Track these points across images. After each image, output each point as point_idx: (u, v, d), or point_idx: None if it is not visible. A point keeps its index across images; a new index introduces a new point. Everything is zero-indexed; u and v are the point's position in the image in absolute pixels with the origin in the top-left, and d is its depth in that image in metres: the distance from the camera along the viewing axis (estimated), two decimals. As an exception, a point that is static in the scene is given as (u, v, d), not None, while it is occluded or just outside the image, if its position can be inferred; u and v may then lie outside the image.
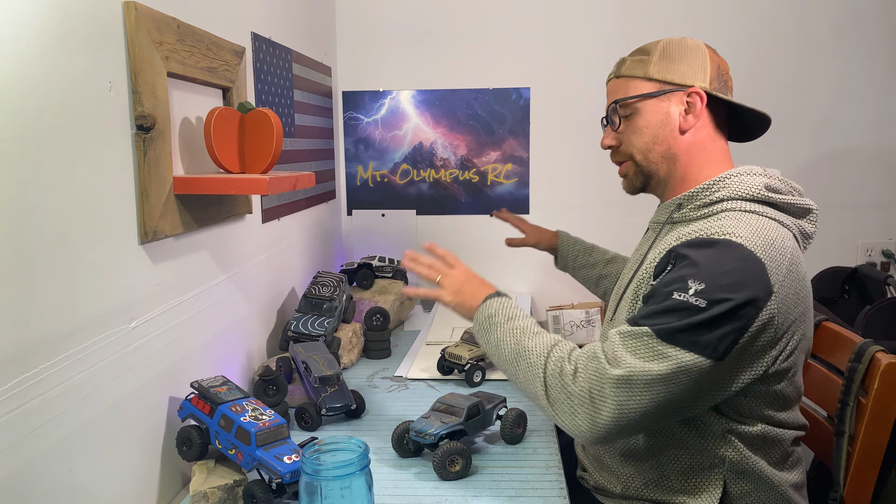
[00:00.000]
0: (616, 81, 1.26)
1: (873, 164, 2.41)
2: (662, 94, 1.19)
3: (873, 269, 2.13)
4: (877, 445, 1.27)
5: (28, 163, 0.84)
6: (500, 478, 1.22)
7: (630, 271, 1.26)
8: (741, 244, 1.03)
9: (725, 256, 1.02)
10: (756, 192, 1.13)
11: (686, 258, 1.05)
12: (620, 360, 1.02)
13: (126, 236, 1.07)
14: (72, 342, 0.93)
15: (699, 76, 1.19)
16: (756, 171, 1.16)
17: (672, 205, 1.21)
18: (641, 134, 1.21)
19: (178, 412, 1.20)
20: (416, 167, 2.50)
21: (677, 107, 1.19)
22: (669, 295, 1.03)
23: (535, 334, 1.14)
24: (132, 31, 1.05)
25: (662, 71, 1.20)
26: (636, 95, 1.21)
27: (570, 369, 1.06)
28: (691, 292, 1.01)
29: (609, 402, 1.01)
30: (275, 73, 1.77)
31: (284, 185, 1.26)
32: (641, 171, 1.24)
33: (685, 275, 1.03)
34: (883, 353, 1.28)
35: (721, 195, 1.13)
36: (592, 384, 1.02)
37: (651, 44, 1.23)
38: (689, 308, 1.00)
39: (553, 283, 2.51)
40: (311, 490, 0.96)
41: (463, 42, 2.43)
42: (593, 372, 1.03)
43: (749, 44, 2.36)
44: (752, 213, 1.11)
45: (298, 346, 1.55)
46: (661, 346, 1.00)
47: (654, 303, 1.05)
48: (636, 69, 1.22)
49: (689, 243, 1.07)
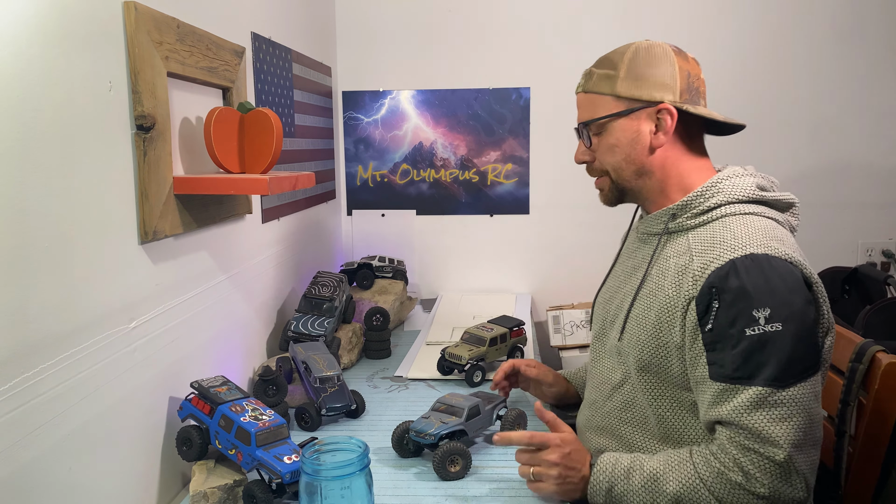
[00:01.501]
0: (583, 97, 1.21)
1: (873, 164, 2.41)
2: (631, 113, 1.15)
3: (873, 269, 2.13)
4: (877, 445, 1.27)
5: (28, 163, 0.84)
6: (500, 478, 1.22)
7: (627, 284, 1.23)
8: (767, 253, 1.04)
9: (763, 272, 1.02)
10: (750, 192, 1.14)
11: (729, 290, 1.03)
12: (771, 438, 0.99)
13: (126, 236, 1.07)
14: (72, 342, 0.93)
15: (669, 90, 1.14)
16: (743, 172, 1.17)
17: (665, 215, 1.18)
18: (613, 153, 1.18)
19: (178, 412, 1.20)
20: (416, 167, 2.50)
21: (647, 124, 1.15)
22: (742, 334, 1.01)
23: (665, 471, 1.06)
24: (132, 31, 1.05)
25: (630, 88, 1.15)
26: (604, 116, 1.17)
27: (740, 478, 1.00)
28: (762, 321, 1.00)
29: (795, 478, 0.99)
30: (275, 73, 1.77)
31: (284, 185, 1.26)
32: (616, 186, 1.21)
33: (744, 307, 1.01)
34: (883, 353, 1.28)
35: (717, 200, 1.13)
36: (770, 475, 0.99)
37: (617, 54, 1.18)
38: (771, 337, 1.00)
39: (553, 283, 2.52)
40: (311, 490, 0.96)
41: (463, 42, 2.43)
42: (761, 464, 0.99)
43: (749, 44, 2.36)
44: (751, 215, 1.11)
45: (298, 346, 1.55)
46: (782, 393, 1.00)
47: (729, 347, 1.02)
48: (603, 85, 1.17)
49: (723, 273, 1.04)
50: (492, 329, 1.73)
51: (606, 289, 1.32)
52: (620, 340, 1.18)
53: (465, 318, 2.14)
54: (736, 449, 1.01)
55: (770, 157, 2.40)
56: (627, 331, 1.17)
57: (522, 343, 1.79)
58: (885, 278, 2.00)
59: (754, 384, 1.00)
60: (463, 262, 2.54)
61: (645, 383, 1.15)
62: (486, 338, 1.69)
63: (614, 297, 1.26)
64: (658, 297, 1.12)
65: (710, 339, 1.05)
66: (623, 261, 1.30)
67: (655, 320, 1.12)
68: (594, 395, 1.26)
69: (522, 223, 2.51)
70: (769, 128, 2.41)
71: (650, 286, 1.15)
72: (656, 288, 1.13)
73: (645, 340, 1.13)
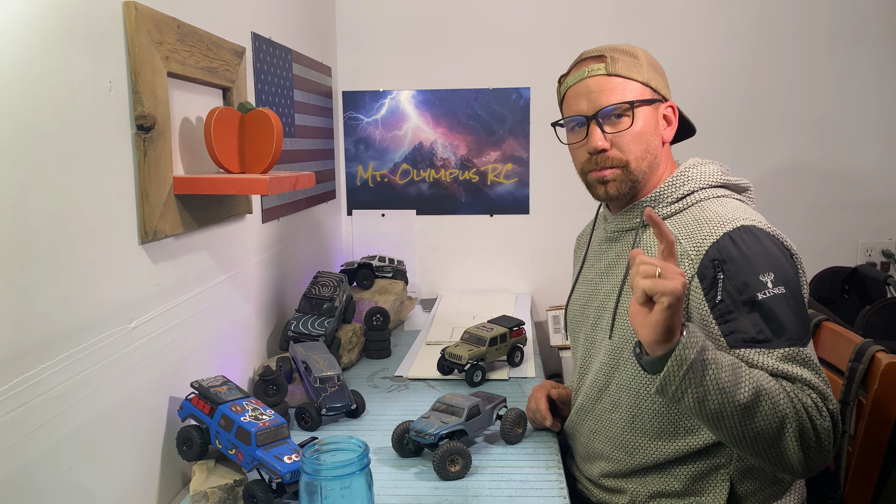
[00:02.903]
0: (607, 80, 1.16)
1: (873, 163, 2.41)
2: (654, 103, 1.18)
3: (873, 269, 2.14)
4: (877, 445, 1.27)
5: (28, 163, 0.84)
6: (500, 478, 1.22)
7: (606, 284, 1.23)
8: (752, 224, 1.09)
9: (755, 241, 1.07)
10: (717, 178, 1.19)
11: (731, 260, 1.05)
12: (814, 384, 1.01)
13: (126, 236, 1.07)
14: (72, 342, 0.93)
15: (668, 89, 1.22)
16: (705, 161, 1.22)
17: (637, 208, 1.20)
18: (638, 141, 1.16)
19: (178, 412, 1.20)
20: (416, 167, 2.50)
21: (660, 117, 1.20)
22: (754, 299, 1.03)
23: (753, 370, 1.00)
24: (132, 31, 1.05)
25: (653, 78, 1.18)
26: (640, 100, 1.15)
27: (815, 399, 1.01)
28: (770, 285, 1.04)
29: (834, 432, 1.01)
30: (275, 73, 1.77)
31: (284, 185, 1.26)
32: (631, 177, 1.17)
33: (751, 273, 1.04)
34: (883, 353, 1.28)
35: (689, 187, 1.17)
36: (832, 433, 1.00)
37: (625, 47, 1.19)
38: (781, 298, 1.04)
39: (553, 283, 2.52)
40: (311, 490, 0.96)
41: (463, 42, 2.43)
42: (821, 404, 1.01)
43: (749, 44, 2.36)
44: (723, 198, 1.16)
45: (298, 346, 1.55)
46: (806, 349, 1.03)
47: (745, 312, 1.04)
48: (634, 71, 1.16)
49: (720, 246, 1.06)
50: (492, 329, 1.73)
51: (578, 296, 1.32)
52: (611, 338, 1.18)
53: (465, 318, 2.14)
54: (796, 386, 1.01)
55: (770, 157, 2.40)
56: (618, 326, 1.17)
57: (522, 343, 1.79)
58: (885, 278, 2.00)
59: (778, 346, 1.02)
60: (463, 262, 2.54)
61: (639, 379, 1.14)
62: (486, 338, 1.69)
63: (592, 300, 1.27)
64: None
65: (722, 310, 1.05)
66: (591, 264, 1.31)
67: None
68: (582, 400, 1.27)
69: (522, 223, 2.51)
70: (769, 127, 2.41)
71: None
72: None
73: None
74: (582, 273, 1.33)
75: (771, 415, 0.95)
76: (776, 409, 0.96)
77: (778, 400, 0.96)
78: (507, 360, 1.76)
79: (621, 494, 1.20)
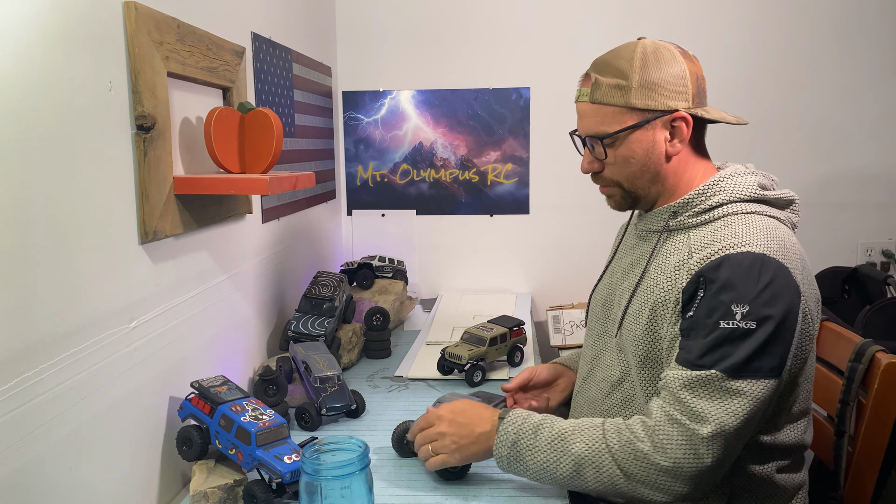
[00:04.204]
0: (589, 107, 1.15)
1: (873, 163, 2.41)
2: (646, 124, 1.12)
3: (873, 269, 2.14)
4: (877, 445, 1.27)
5: (28, 163, 0.84)
6: (500, 478, 1.22)
7: (626, 280, 1.23)
8: (764, 254, 1.04)
9: (755, 271, 1.02)
10: (752, 191, 1.13)
11: (716, 281, 1.03)
12: (702, 414, 0.99)
13: (126, 236, 1.07)
14: (72, 342, 0.93)
15: (681, 96, 1.11)
16: (745, 170, 1.17)
17: (666, 212, 1.18)
18: (628, 164, 1.15)
19: (178, 412, 1.20)
20: (416, 167, 2.50)
21: (662, 132, 1.13)
22: (716, 325, 1.01)
23: (573, 432, 1.07)
24: (132, 31, 1.05)
25: (644, 98, 1.10)
26: (619, 130, 1.12)
27: (647, 448, 1.01)
28: (738, 317, 1.01)
29: (708, 459, 0.99)
30: (275, 73, 1.77)
31: (284, 185, 1.26)
32: (629, 195, 1.19)
33: (725, 300, 1.02)
34: (883, 353, 1.28)
35: (718, 199, 1.12)
36: (686, 450, 0.99)
37: (623, 59, 1.12)
38: (742, 334, 1.00)
39: (553, 283, 2.52)
40: (311, 490, 0.96)
41: (463, 42, 2.43)
42: (681, 437, 1.00)
43: (749, 44, 2.36)
44: (753, 214, 1.11)
45: (298, 346, 1.55)
46: (734, 382, 1.00)
47: (701, 335, 1.03)
48: (614, 96, 1.11)
49: (714, 264, 1.04)
50: (492, 329, 1.73)
51: (603, 285, 1.32)
52: (618, 336, 1.19)
53: (465, 318, 2.14)
54: (661, 418, 1.02)
55: (770, 157, 2.40)
56: (624, 326, 1.18)
57: (522, 343, 1.79)
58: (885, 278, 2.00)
59: (709, 368, 1.01)
60: (463, 262, 2.54)
61: (643, 379, 1.15)
62: (486, 337, 1.69)
63: (613, 294, 1.26)
64: (654, 292, 1.13)
65: (688, 325, 1.06)
66: (620, 257, 1.30)
67: (650, 315, 1.12)
68: (594, 393, 1.26)
69: (522, 223, 2.51)
70: (769, 127, 2.41)
71: (648, 282, 1.15)
72: (653, 284, 1.14)
73: (640, 335, 1.13)
74: (611, 265, 1.33)
75: (597, 476, 1.04)
76: (601, 470, 1.04)
77: (601, 462, 1.04)
78: (507, 360, 1.76)
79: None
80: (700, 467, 1.00)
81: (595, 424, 1.07)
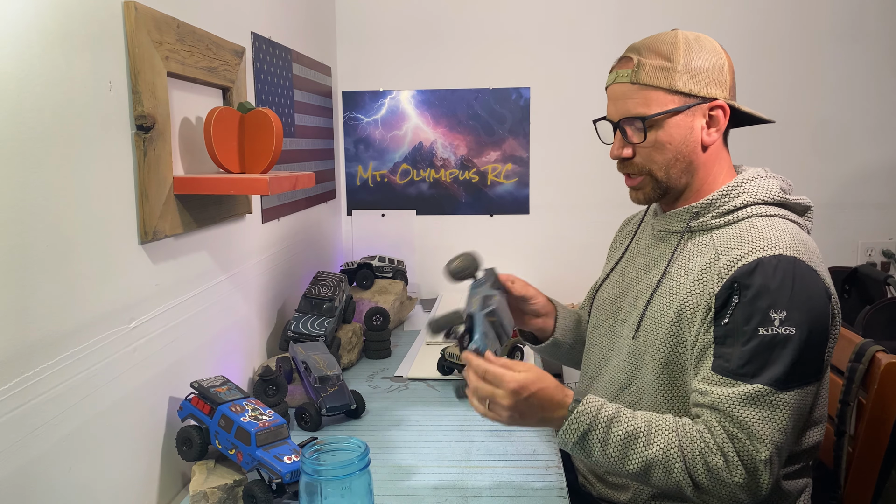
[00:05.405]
0: (630, 88, 1.13)
1: (873, 163, 2.41)
2: (688, 109, 1.11)
3: (873, 269, 2.14)
4: (877, 445, 1.27)
5: (28, 163, 0.84)
6: (500, 478, 1.22)
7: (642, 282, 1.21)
8: (795, 257, 1.04)
9: (788, 274, 1.02)
10: (775, 195, 1.13)
11: (751, 287, 1.02)
12: (759, 435, 0.99)
13: (126, 236, 1.07)
14: (72, 342, 0.93)
15: (720, 85, 1.12)
16: (765, 174, 1.16)
17: (687, 213, 1.16)
18: (664, 150, 1.13)
19: (178, 412, 1.20)
20: (416, 167, 2.50)
21: (699, 120, 1.12)
22: (755, 332, 1.01)
23: (648, 434, 1.04)
24: (132, 31, 1.05)
25: (688, 82, 1.10)
26: (661, 112, 1.11)
27: (719, 462, 1.00)
28: (776, 323, 1.00)
29: (765, 475, 0.99)
30: (275, 73, 1.77)
31: (284, 185, 1.26)
32: (660, 185, 1.16)
33: (762, 306, 1.01)
34: (883, 353, 1.28)
35: (741, 201, 1.12)
36: (748, 468, 1.00)
37: (666, 43, 1.11)
38: (783, 340, 1.00)
39: (553, 283, 2.51)
40: (311, 490, 0.96)
41: (463, 42, 2.43)
42: (744, 456, 1.00)
43: (749, 43, 2.36)
44: (775, 217, 1.11)
45: (298, 346, 1.55)
46: (782, 395, 1.00)
47: (740, 343, 1.02)
48: (659, 78, 1.10)
49: (748, 269, 1.03)
50: (492, 329, 1.72)
51: (612, 284, 1.30)
52: (635, 339, 1.17)
53: (465, 318, 2.13)
54: (723, 435, 1.01)
55: (770, 157, 2.39)
56: (643, 329, 1.16)
57: (522, 343, 1.79)
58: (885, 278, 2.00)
59: (756, 381, 1.00)
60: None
61: (660, 382, 1.13)
62: (486, 338, 1.68)
63: (626, 294, 1.25)
64: (679, 294, 1.11)
65: (723, 332, 1.04)
66: (633, 257, 1.28)
67: (674, 318, 1.10)
68: (600, 394, 1.24)
69: (522, 223, 2.51)
70: (769, 127, 2.39)
71: (669, 284, 1.14)
72: (677, 286, 1.12)
73: (662, 339, 1.12)
74: (620, 263, 1.31)
75: (665, 479, 1.03)
76: (670, 475, 1.02)
77: (672, 468, 1.02)
78: (507, 360, 1.76)
79: (624, 491, 1.20)
80: (759, 482, 1.00)
81: (669, 427, 1.04)
